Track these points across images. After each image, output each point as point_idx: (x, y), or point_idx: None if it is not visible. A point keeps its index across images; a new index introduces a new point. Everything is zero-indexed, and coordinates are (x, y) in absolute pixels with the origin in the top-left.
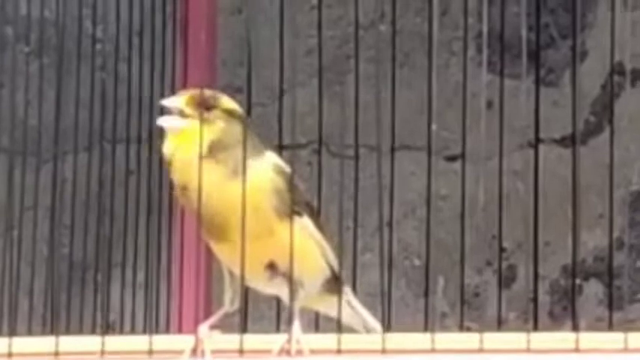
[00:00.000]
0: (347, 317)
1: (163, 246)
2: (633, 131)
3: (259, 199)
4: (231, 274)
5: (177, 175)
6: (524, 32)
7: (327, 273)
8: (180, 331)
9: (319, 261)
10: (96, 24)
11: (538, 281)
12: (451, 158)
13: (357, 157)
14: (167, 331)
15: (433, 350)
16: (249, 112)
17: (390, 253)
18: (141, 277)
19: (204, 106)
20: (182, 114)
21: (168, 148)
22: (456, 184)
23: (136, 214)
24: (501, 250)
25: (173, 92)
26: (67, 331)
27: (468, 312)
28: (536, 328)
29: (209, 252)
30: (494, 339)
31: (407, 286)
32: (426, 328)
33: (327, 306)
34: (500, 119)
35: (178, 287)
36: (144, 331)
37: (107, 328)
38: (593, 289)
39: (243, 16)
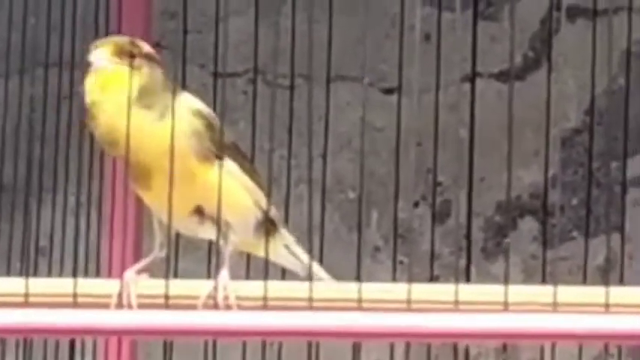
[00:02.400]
0: (285, 261)
1: (95, 173)
2: (571, 67)
3: (178, 142)
4: (161, 219)
5: (103, 124)
6: None
7: (259, 216)
8: (110, 274)
9: (247, 203)
10: None
11: (472, 217)
12: (388, 90)
13: (292, 87)
14: (97, 274)
15: (360, 302)
16: (184, 38)
17: (323, 185)
18: (72, 202)
19: (128, 53)
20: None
21: (92, 97)
22: (392, 117)
23: (68, 139)
24: (436, 184)
25: (107, 17)
26: None
27: (401, 246)
28: (469, 263)
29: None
30: (423, 291)
31: (341, 219)
32: (358, 262)
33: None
34: (438, 52)
35: (109, 231)
36: (74, 257)
37: (37, 254)
38: (528, 226)
39: None
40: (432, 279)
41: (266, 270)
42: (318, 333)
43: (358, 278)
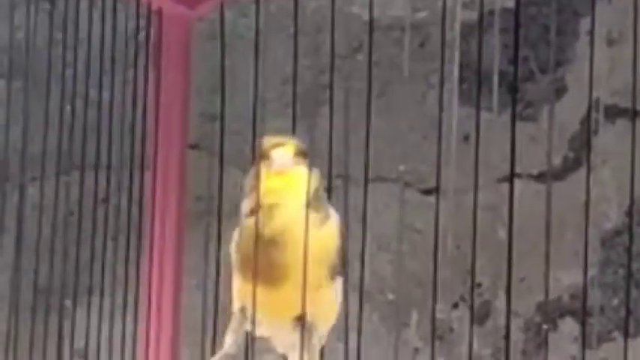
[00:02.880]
0: None
1: (131, 275)
2: (611, 168)
3: (328, 253)
4: (243, 317)
5: (278, 224)
6: (496, 64)
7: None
8: None
9: (333, 323)
10: (66, 48)
11: (511, 318)
12: (426, 191)
13: (330, 188)
14: None
15: None
16: (222, 139)
17: (361, 286)
18: (108, 305)
19: (304, 154)
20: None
21: (272, 197)
22: (431, 218)
23: (104, 242)
24: (475, 285)
25: (144, 119)
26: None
27: (440, 347)
28: None
29: (177, 287)
30: None
31: (380, 319)
32: None
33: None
34: (476, 153)
35: (145, 324)
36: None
37: (71, 356)
38: (569, 327)
39: (219, 43)
40: None
41: None
42: None
43: None
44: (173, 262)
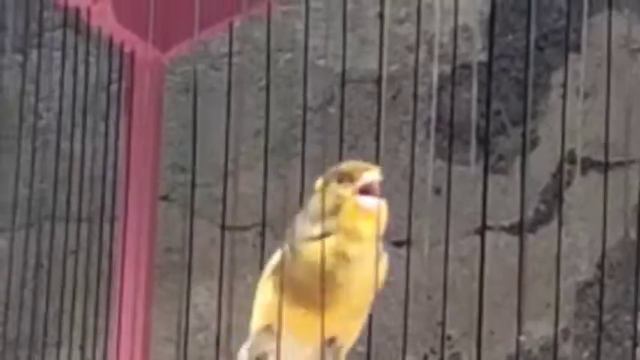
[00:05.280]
0: None
1: (101, 327)
2: (583, 220)
3: (378, 286)
4: (265, 335)
5: (341, 251)
6: (474, 118)
7: None
8: None
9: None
10: (39, 100)
11: None
12: (397, 243)
13: None
14: None
15: None
16: (192, 191)
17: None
18: (76, 357)
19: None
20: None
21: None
22: (401, 270)
23: (73, 293)
24: (445, 337)
25: (115, 171)
26: None
27: None
28: None
29: (146, 332)
30: None
31: None
32: None
33: None
34: (448, 205)
35: None
36: None
37: None
38: None
39: (190, 96)
40: None
41: None
42: None
43: None
44: (143, 314)
